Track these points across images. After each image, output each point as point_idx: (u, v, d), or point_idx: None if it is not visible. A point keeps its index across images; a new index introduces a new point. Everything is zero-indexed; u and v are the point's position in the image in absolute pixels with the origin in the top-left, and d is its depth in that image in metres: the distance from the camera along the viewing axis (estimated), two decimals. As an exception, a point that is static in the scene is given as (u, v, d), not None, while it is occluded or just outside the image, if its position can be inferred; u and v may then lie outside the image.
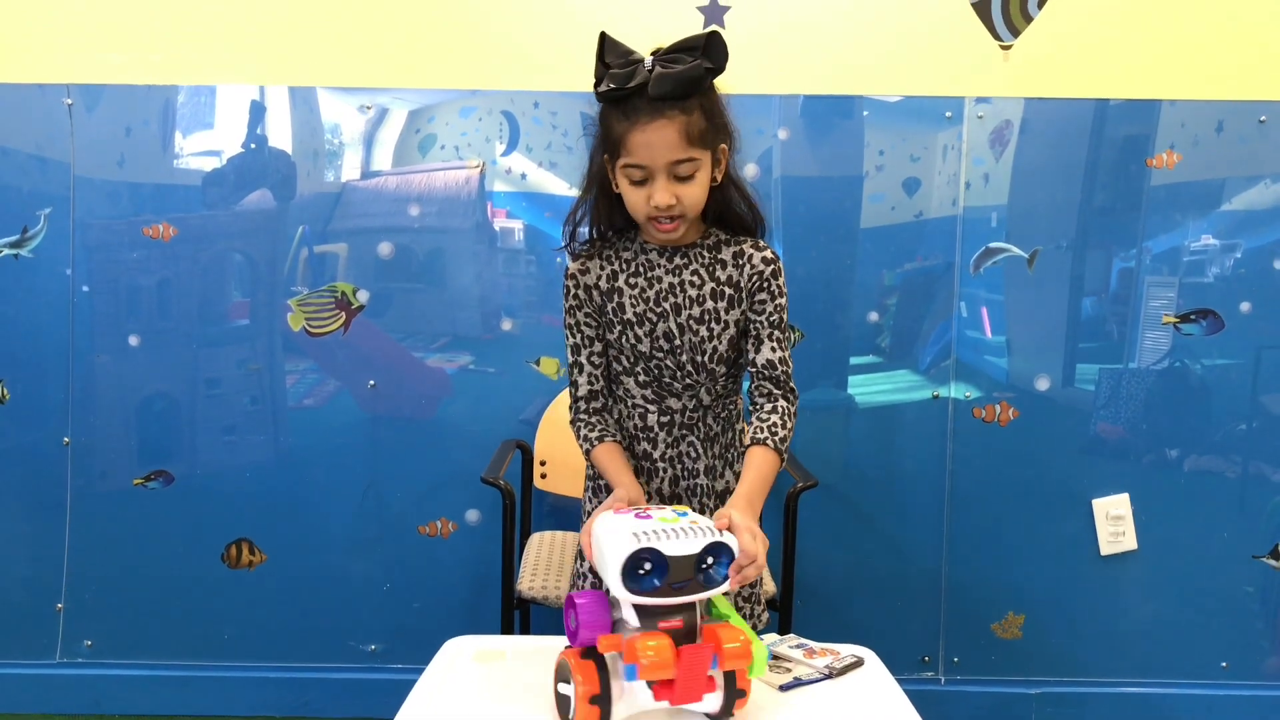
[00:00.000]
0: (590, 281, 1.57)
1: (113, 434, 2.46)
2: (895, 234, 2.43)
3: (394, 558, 2.48)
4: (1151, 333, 2.44)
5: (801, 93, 2.39)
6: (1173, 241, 2.43)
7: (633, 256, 1.57)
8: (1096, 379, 2.46)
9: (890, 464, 2.47)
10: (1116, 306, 2.45)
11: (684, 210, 1.47)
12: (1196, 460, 2.47)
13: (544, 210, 2.43)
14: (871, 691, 1.39)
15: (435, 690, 1.34)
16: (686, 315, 1.55)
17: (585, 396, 1.60)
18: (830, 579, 2.46)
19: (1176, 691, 2.49)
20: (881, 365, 2.46)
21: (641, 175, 1.45)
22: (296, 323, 2.42)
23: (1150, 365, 2.45)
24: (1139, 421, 2.47)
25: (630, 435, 1.61)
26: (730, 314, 1.55)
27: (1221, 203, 2.41)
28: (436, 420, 2.46)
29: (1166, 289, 2.43)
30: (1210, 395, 2.46)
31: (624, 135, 1.44)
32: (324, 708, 2.49)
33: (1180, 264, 2.43)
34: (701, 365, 1.56)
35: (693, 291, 1.55)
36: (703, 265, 1.55)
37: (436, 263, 2.45)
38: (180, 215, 2.40)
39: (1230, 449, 2.47)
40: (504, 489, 1.96)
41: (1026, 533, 2.47)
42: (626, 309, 1.56)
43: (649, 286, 1.55)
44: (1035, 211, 2.41)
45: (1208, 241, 2.42)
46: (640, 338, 1.56)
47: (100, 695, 2.48)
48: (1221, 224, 2.42)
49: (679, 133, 1.42)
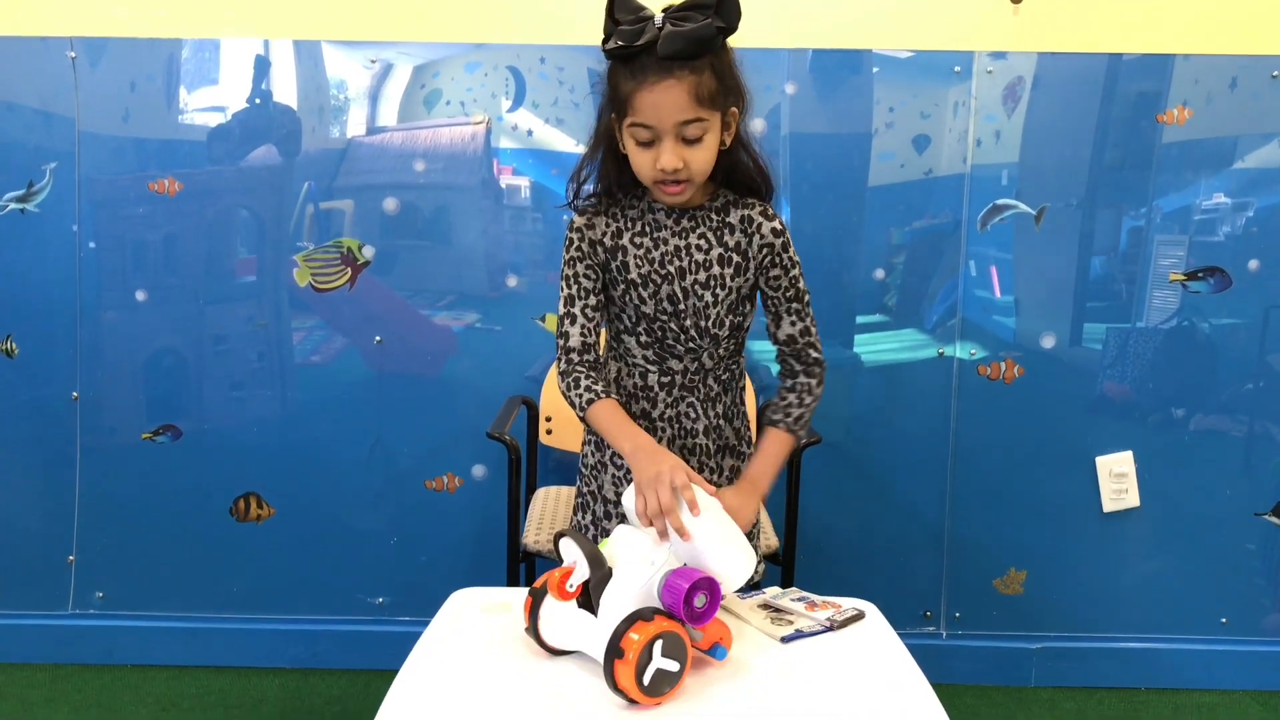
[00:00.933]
0: (595, 237, 1.56)
1: (121, 389, 2.47)
2: (904, 192, 2.41)
3: (401, 512, 2.50)
4: (1159, 291, 2.43)
5: (810, 47, 2.36)
6: (1183, 200, 2.41)
7: (639, 215, 1.56)
8: (1104, 338, 2.46)
9: (895, 421, 2.48)
10: (1125, 265, 2.44)
11: (691, 174, 1.46)
12: (1202, 419, 2.47)
13: (550, 167, 2.41)
14: (872, 644, 1.40)
15: (442, 641, 1.35)
16: (691, 280, 1.54)
17: (578, 349, 1.54)
18: (834, 535, 2.48)
19: (1176, 647, 2.51)
20: (888, 324, 2.46)
21: (649, 136, 1.44)
22: (303, 278, 2.42)
23: (1158, 324, 2.45)
24: (1145, 380, 2.46)
25: (628, 394, 1.61)
26: (735, 280, 1.55)
27: (1234, 160, 2.39)
28: (443, 377, 2.47)
29: (1176, 248, 2.42)
30: (1217, 354, 2.46)
31: (631, 94, 1.42)
32: (332, 659, 2.52)
33: (1190, 222, 2.41)
34: (705, 330, 1.56)
35: (699, 256, 1.54)
36: (710, 229, 1.54)
37: (442, 219, 2.44)
38: (186, 171, 2.40)
39: (1236, 408, 2.47)
40: (509, 444, 1.97)
41: (1030, 490, 2.48)
42: (631, 269, 1.55)
43: (654, 247, 1.55)
44: (1045, 168, 2.40)
45: (1219, 200, 2.40)
46: (644, 299, 1.55)
47: (112, 646, 2.52)
48: (1233, 182, 2.40)
49: (688, 93, 1.40)
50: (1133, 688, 2.51)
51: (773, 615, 1.47)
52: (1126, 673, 2.51)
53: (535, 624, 1.28)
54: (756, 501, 1.47)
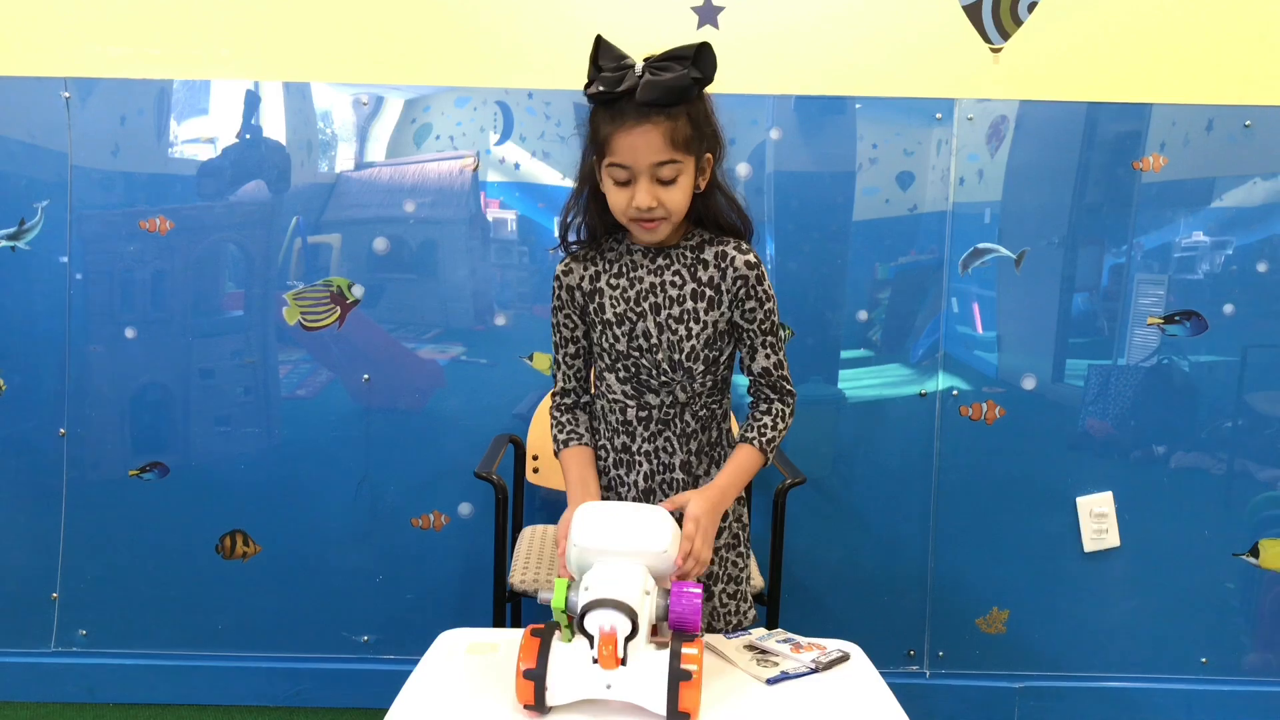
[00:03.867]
0: (573, 283, 1.63)
1: (108, 425, 2.47)
2: (888, 228, 2.45)
3: (387, 549, 2.51)
4: (1140, 330, 2.47)
5: (794, 93, 2.41)
6: (1163, 238, 2.45)
7: (617, 257, 1.62)
8: (1085, 376, 2.49)
9: (878, 460, 2.50)
10: (1107, 304, 2.48)
11: (666, 213, 1.51)
12: (1181, 457, 2.50)
13: (537, 201, 2.45)
14: (857, 686, 1.42)
15: (429, 682, 1.36)
16: (665, 314, 1.59)
17: (559, 392, 1.69)
18: (817, 573, 2.50)
19: (1157, 686, 2.53)
20: (871, 360, 2.49)
21: (625, 176, 1.49)
22: (292, 317, 2.44)
23: (1138, 363, 2.48)
24: (1126, 418, 2.50)
25: (611, 429, 1.66)
26: (709, 314, 1.59)
27: (1211, 200, 2.44)
28: (430, 413, 2.48)
29: (1156, 286, 2.46)
30: (1196, 393, 2.49)
31: (610, 136, 1.48)
32: (317, 698, 2.51)
33: (1170, 260, 2.46)
34: (678, 364, 1.59)
35: (673, 291, 1.59)
36: (685, 265, 1.59)
37: (430, 255, 2.46)
38: (175, 207, 2.41)
39: (1215, 446, 2.50)
40: (496, 484, 1.99)
41: (1012, 529, 2.50)
42: (607, 309, 1.61)
43: (630, 286, 1.60)
44: (1026, 208, 2.44)
45: (1198, 238, 2.45)
46: (619, 337, 1.60)
47: (94, 684, 2.50)
48: (1211, 221, 2.44)
49: (663, 136, 1.46)
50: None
51: (758, 657, 1.48)
52: (1108, 712, 2.52)
53: (542, 673, 1.25)
54: (715, 515, 1.52)
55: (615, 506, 1.41)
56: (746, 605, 1.72)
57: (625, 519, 1.35)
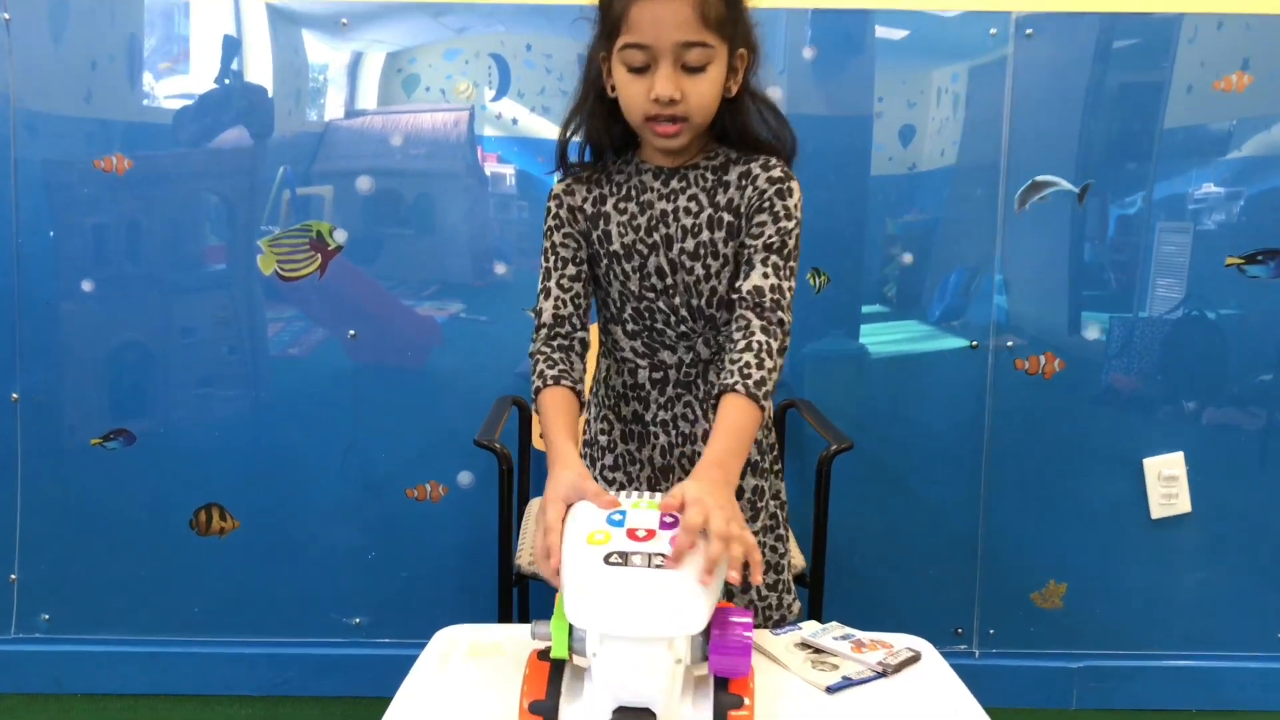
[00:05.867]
0: (575, 203, 1.36)
1: (66, 390, 2.25)
2: (932, 162, 2.20)
3: (379, 524, 2.29)
4: (1220, 273, 2.22)
5: (826, 6, 2.15)
6: (1241, 179, 2.20)
7: (625, 179, 1.35)
8: (1157, 324, 2.25)
9: (923, 419, 2.28)
10: (1176, 240, 2.23)
11: (689, 110, 1.23)
12: (1259, 416, 2.28)
13: (537, 155, 2.22)
14: (932, 692, 1.18)
15: (423, 692, 1.14)
16: (679, 249, 1.31)
17: (547, 324, 1.33)
18: (854, 545, 2.27)
19: (1228, 665, 2.33)
20: (914, 310, 2.25)
21: (643, 59, 1.22)
22: (267, 265, 2.19)
23: (1214, 313, 2.24)
24: (1201, 372, 2.27)
25: (617, 395, 1.39)
26: (729, 247, 1.32)
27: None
28: (425, 372, 2.26)
29: (1230, 230, 2.21)
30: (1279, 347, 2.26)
31: (626, 9, 1.21)
32: (304, 685, 2.31)
33: (1252, 200, 2.20)
34: (698, 310, 1.33)
35: (687, 220, 1.31)
36: (703, 189, 1.31)
37: (426, 207, 2.23)
38: (142, 152, 2.17)
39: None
40: (500, 453, 1.73)
41: (1071, 495, 2.28)
42: (613, 238, 1.34)
43: (640, 212, 1.33)
44: (1094, 136, 2.19)
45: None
46: (628, 273, 1.34)
47: (61, 673, 2.29)
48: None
49: (693, 9, 1.19)
50: (1182, 710, 2.32)
51: (814, 658, 1.24)
52: (1175, 694, 2.32)
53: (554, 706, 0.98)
54: (726, 493, 1.09)
55: (616, 577, 0.94)
56: (790, 597, 1.48)
57: (637, 591, 0.94)
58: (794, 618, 1.47)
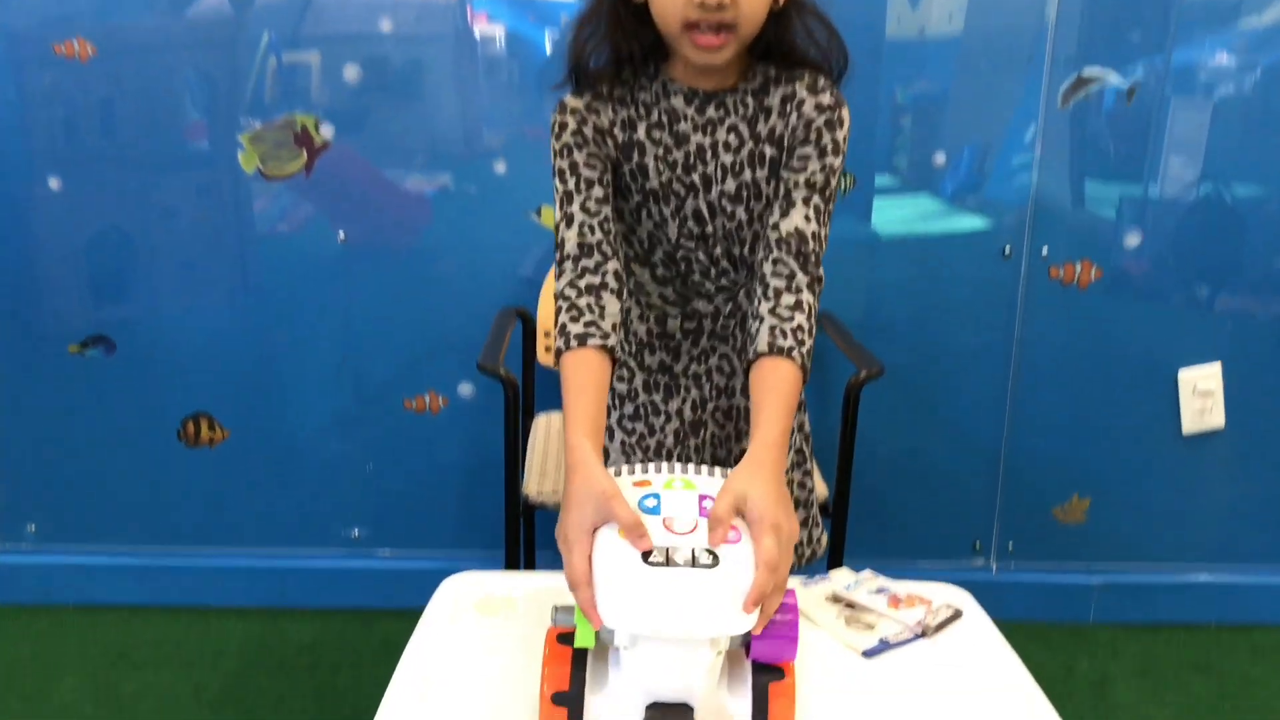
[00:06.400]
0: (603, 124, 1.15)
1: (36, 293, 2.10)
2: (956, 41, 2.01)
3: (377, 435, 2.17)
4: (1265, 180, 2.06)
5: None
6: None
7: (653, 101, 1.15)
8: (1197, 234, 2.10)
9: (947, 329, 2.13)
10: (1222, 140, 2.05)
11: (739, 17, 1.04)
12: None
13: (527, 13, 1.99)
14: (977, 655, 1.10)
15: (430, 654, 1.06)
16: (719, 191, 1.16)
17: (572, 255, 1.13)
18: (874, 458, 2.13)
19: (1255, 580, 2.25)
20: (938, 211, 2.08)
21: None
22: (249, 163, 2.01)
23: (1261, 213, 2.08)
24: (1240, 282, 2.12)
25: (640, 342, 1.25)
26: (770, 186, 1.16)
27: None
28: (420, 269, 2.09)
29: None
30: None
31: None
32: (302, 598, 2.22)
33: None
34: (740, 259, 1.19)
35: (727, 158, 1.15)
36: (743, 119, 1.14)
37: (414, 76, 2.02)
38: (113, 21, 1.96)
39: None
40: (505, 379, 1.60)
41: (1100, 408, 2.16)
42: (650, 174, 1.16)
43: (676, 146, 1.15)
44: (1149, 21, 1.99)
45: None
46: (665, 217, 1.18)
47: (50, 584, 2.21)
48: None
49: None
50: (1203, 623, 2.24)
51: (847, 614, 1.15)
52: (1197, 607, 2.25)
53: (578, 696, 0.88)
54: (779, 481, 0.95)
55: (659, 579, 0.84)
56: (819, 531, 1.38)
57: (682, 593, 0.84)
58: (822, 550, 1.38)
